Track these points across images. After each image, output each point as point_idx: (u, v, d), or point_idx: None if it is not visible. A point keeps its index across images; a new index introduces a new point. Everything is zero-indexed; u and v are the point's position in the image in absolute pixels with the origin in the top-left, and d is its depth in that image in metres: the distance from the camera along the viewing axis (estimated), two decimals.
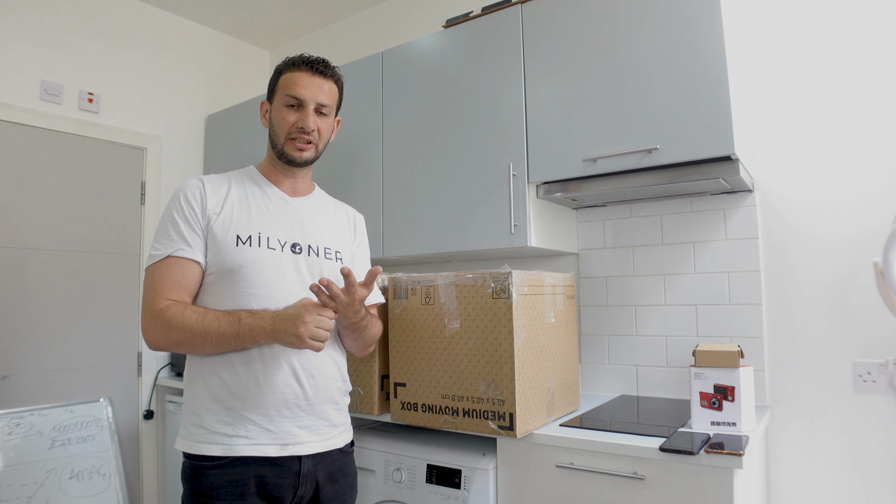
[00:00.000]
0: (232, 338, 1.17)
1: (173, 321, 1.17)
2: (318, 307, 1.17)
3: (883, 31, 1.65)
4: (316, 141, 1.34)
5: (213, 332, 1.16)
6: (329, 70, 1.35)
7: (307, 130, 1.31)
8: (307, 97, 1.31)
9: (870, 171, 1.66)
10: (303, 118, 1.31)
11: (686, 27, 1.57)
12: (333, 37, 3.14)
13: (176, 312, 1.17)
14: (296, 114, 1.32)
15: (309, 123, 1.31)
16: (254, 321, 1.17)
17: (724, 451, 1.23)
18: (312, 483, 1.25)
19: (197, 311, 1.19)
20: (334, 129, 1.43)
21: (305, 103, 1.31)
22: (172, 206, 1.26)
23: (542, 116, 1.81)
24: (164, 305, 1.18)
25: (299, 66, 1.32)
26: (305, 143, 1.32)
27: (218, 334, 1.16)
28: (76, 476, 2.26)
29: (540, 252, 2.06)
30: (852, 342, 1.66)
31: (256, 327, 1.16)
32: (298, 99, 1.31)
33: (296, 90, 1.30)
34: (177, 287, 1.21)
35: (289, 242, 1.30)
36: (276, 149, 1.34)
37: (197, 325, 1.16)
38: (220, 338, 1.17)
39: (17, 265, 2.37)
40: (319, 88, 1.32)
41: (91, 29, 2.65)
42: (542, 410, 1.57)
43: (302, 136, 1.31)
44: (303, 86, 1.31)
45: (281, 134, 1.32)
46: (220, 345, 1.18)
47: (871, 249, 1.64)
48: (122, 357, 2.68)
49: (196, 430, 1.20)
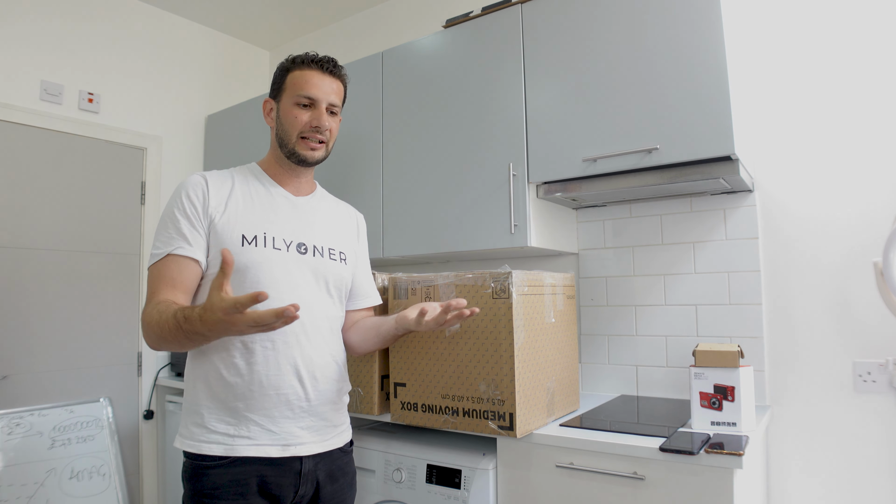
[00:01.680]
0: (185, 339, 1.07)
1: (151, 319, 1.12)
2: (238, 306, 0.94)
3: (883, 30, 1.65)
4: (327, 140, 1.34)
5: (168, 332, 1.08)
6: (338, 69, 1.35)
7: (322, 129, 1.31)
8: (320, 97, 1.30)
9: (869, 171, 1.66)
10: (317, 117, 1.30)
11: (686, 27, 1.57)
12: (333, 37, 3.14)
13: (151, 311, 1.13)
14: (308, 113, 1.30)
15: (324, 123, 1.30)
16: (189, 327, 1.04)
17: (724, 451, 1.23)
18: (313, 482, 1.25)
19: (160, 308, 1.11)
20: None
21: (318, 103, 1.30)
22: (174, 204, 1.24)
23: (542, 116, 1.81)
24: (149, 306, 1.16)
25: (309, 65, 1.32)
26: (318, 142, 1.32)
27: (174, 335, 1.08)
28: (76, 476, 2.26)
29: (540, 252, 2.06)
30: (852, 342, 1.66)
31: (195, 333, 1.04)
32: (312, 98, 1.30)
33: (309, 89, 1.30)
34: (171, 286, 1.19)
35: (294, 242, 1.29)
36: (286, 148, 1.32)
37: (156, 325, 1.10)
38: (176, 338, 1.08)
39: (17, 265, 2.37)
40: (331, 88, 1.32)
41: (91, 29, 2.65)
42: (542, 410, 1.57)
43: (315, 136, 1.31)
44: (315, 85, 1.30)
45: (292, 133, 1.31)
46: (184, 345, 1.11)
47: (872, 249, 1.64)
48: (122, 357, 2.68)
49: (197, 430, 1.20)
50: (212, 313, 0.97)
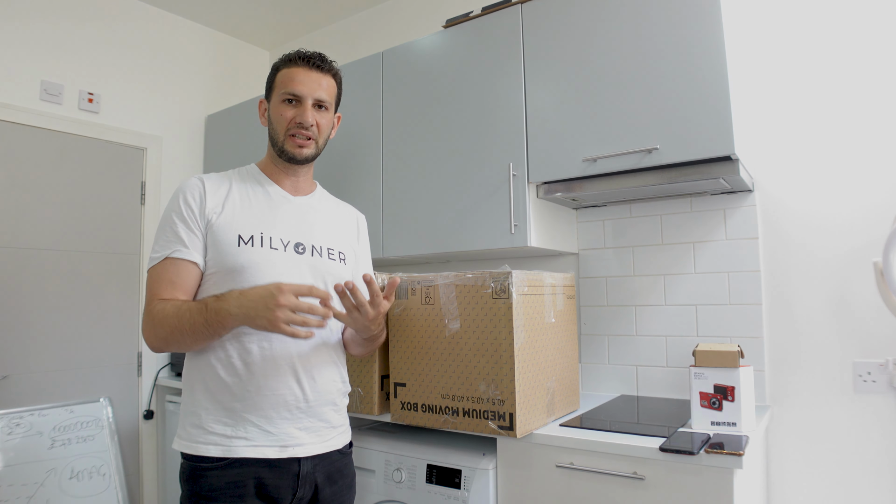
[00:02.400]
0: (203, 326, 1.13)
1: (157, 318, 1.16)
2: (295, 289, 1.10)
3: (883, 30, 1.65)
4: (315, 136, 1.32)
5: (186, 323, 1.13)
6: (326, 64, 1.33)
7: (306, 125, 1.29)
8: (304, 92, 1.29)
9: (870, 171, 1.66)
10: (301, 113, 1.29)
11: (686, 26, 1.57)
12: (333, 37, 3.14)
13: (160, 309, 1.16)
14: (293, 110, 1.30)
15: (307, 118, 1.29)
16: (217, 304, 1.12)
17: (724, 451, 1.23)
18: (311, 484, 1.25)
19: (175, 303, 1.17)
20: (335, 125, 1.41)
21: (303, 99, 1.29)
22: (171, 208, 1.25)
23: (542, 116, 1.81)
24: (153, 305, 1.18)
25: (296, 62, 1.31)
26: (305, 139, 1.31)
27: (191, 324, 1.13)
28: (76, 476, 2.26)
29: (540, 252, 2.06)
30: (852, 342, 1.66)
31: (221, 310, 1.11)
32: (296, 95, 1.29)
33: (293, 86, 1.29)
34: (170, 287, 1.20)
35: (292, 242, 1.29)
36: (277, 146, 1.32)
37: (173, 317, 1.14)
38: (193, 327, 1.13)
39: (17, 265, 2.37)
40: (317, 83, 1.31)
41: (91, 29, 2.65)
42: (542, 410, 1.57)
43: (301, 132, 1.30)
44: (300, 81, 1.29)
45: (280, 131, 1.31)
46: (197, 334, 1.14)
47: (872, 249, 1.63)
48: (122, 357, 2.68)
49: (195, 431, 1.20)
50: (264, 288, 1.09)
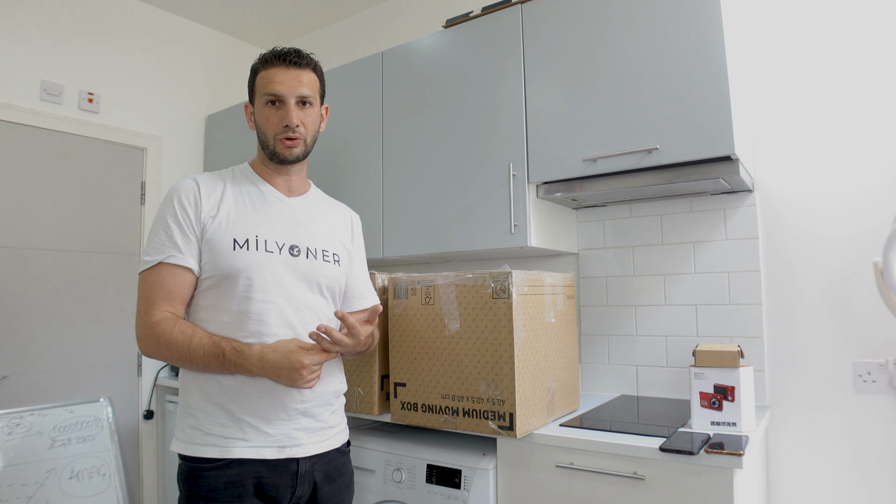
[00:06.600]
0: (217, 369, 1.19)
1: (162, 338, 1.17)
2: (313, 353, 1.20)
3: (882, 30, 1.65)
4: (303, 135, 1.31)
5: (198, 360, 1.17)
6: (304, 59, 1.31)
7: (292, 127, 1.28)
8: (285, 92, 1.28)
9: (870, 170, 1.66)
10: (285, 115, 1.28)
11: (686, 27, 1.57)
12: (333, 37, 3.14)
13: (165, 329, 1.17)
14: (278, 112, 1.29)
15: (292, 119, 1.28)
16: (238, 360, 1.17)
17: (724, 451, 1.23)
18: (310, 483, 1.25)
19: (184, 331, 1.17)
20: (323, 117, 1.40)
21: (285, 99, 1.28)
22: (165, 210, 1.23)
23: (542, 116, 1.81)
24: (156, 319, 1.18)
25: (272, 62, 1.29)
26: (293, 139, 1.30)
27: (204, 364, 1.18)
28: (76, 476, 2.26)
29: (540, 252, 2.06)
30: (852, 342, 1.66)
31: (241, 368, 1.17)
32: (277, 95, 1.28)
33: (273, 87, 1.27)
34: (169, 297, 1.19)
35: (287, 244, 1.28)
36: (268, 150, 1.32)
37: (183, 348, 1.16)
38: (206, 367, 1.18)
39: (17, 265, 2.37)
40: (297, 80, 1.29)
41: (91, 29, 2.65)
42: (542, 410, 1.57)
43: (287, 134, 1.29)
44: (279, 81, 1.27)
45: (269, 135, 1.30)
46: (208, 371, 1.20)
47: (872, 249, 1.63)
48: (122, 357, 2.68)
49: (192, 432, 1.20)
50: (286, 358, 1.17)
